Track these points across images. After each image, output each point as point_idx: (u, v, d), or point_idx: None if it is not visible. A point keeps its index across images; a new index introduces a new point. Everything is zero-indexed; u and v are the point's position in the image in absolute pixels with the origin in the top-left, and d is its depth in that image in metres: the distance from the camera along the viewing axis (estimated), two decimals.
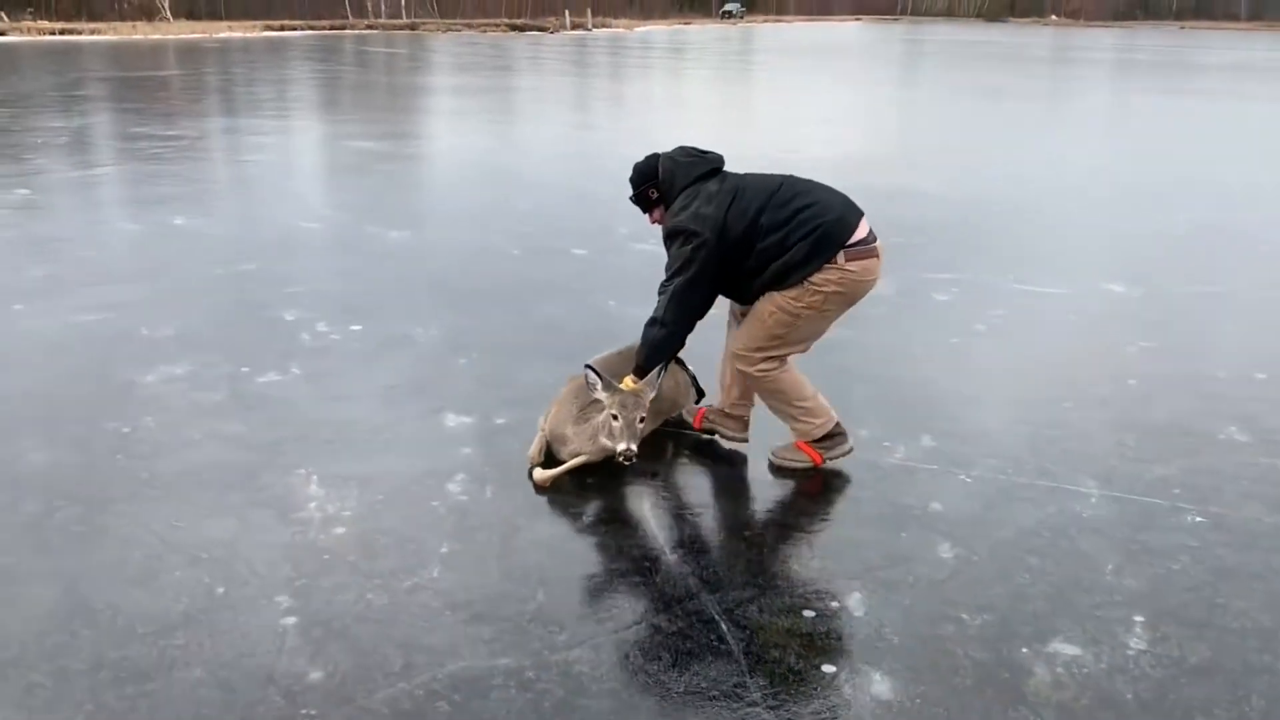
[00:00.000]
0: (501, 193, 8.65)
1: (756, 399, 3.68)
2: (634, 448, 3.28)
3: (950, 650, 2.53)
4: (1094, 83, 25.36)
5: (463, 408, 4.00)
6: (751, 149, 10.86)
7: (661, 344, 3.42)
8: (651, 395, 3.41)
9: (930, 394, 4.26)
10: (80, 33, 36.64)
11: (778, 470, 3.58)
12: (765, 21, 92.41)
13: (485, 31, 51.04)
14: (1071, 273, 6.18)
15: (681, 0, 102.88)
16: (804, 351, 3.50)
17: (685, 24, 78.48)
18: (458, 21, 55.79)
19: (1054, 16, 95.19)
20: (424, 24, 53.11)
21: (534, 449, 3.59)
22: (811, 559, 2.98)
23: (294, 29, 44.78)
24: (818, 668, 2.46)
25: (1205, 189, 9.45)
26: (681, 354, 3.67)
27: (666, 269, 3.40)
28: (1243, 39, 55.85)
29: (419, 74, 24.41)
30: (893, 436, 3.79)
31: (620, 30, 60.29)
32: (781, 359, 3.44)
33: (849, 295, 3.33)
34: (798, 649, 2.54)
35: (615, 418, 3.32)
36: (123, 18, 45.42)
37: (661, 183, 3.49)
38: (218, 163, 10.21)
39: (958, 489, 3.41)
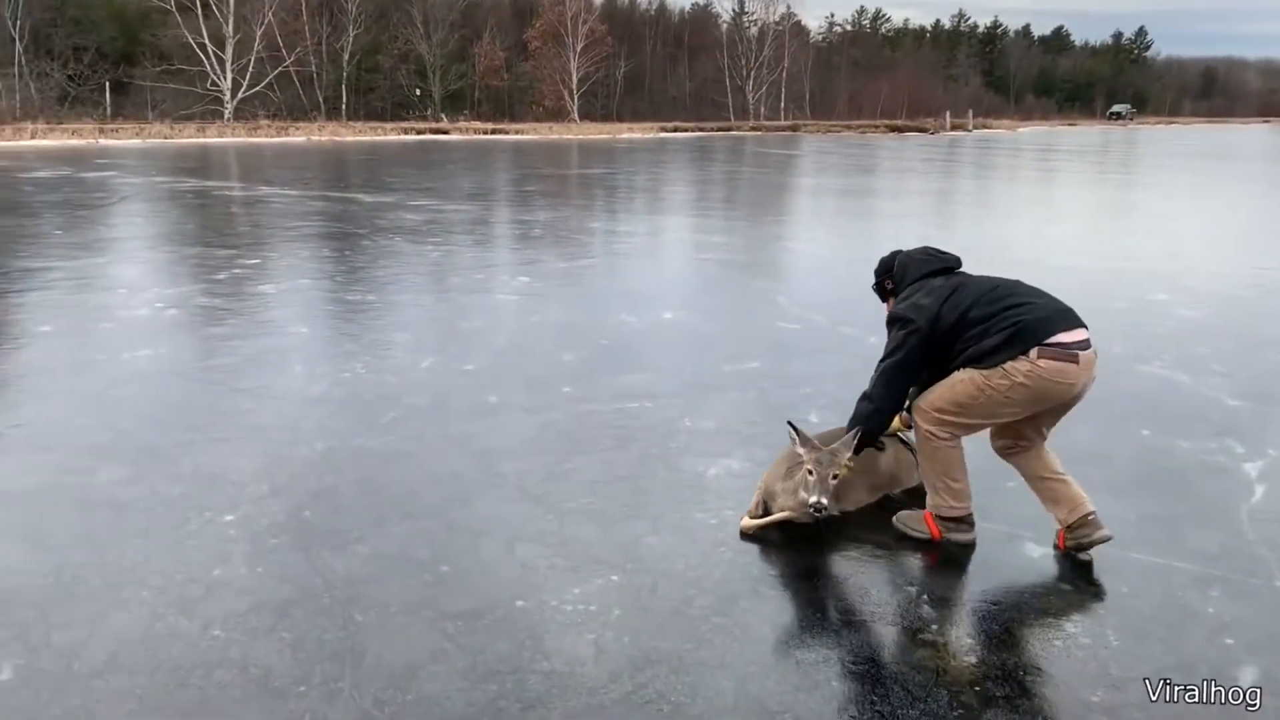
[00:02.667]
0: None
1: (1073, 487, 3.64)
2: (824, 501, 3.60)
3: None
4: None
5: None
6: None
7: (868, 417, 3.73)
8: (846, 455, 3.69)
9: None
10: (506, 132, 41.24)
11: (902, 537, 3.79)
12: (1157, 124, 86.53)
13: (864, 133, 51.68)
14: None
15: (1060, 100, 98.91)
16: (971, 433, 3.67)
17: (1069, 125, 75.21)
18: (835, 123, 56.93)
19: None
20: (804, 125, 54.67)
21: (752, 503, 3.95)
22: None
23: (686, 130, 47.71)
24: None
25: None
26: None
27: (884, 349, 3.72)
28: None
29: (824, 175, 25.00)
30: None
31: (1001, 131, 58.79)
32: (956, 430, 3.62)
33: (1035, 391, 3.43)
34: None
35: (810, 472, 3.65)
36: (538, 119, 50.64)
37: (894, 275, 3.90)
38: (676, 259, 10.91)
39: None
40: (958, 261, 3.85)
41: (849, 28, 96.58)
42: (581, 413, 5.22)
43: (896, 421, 4.04)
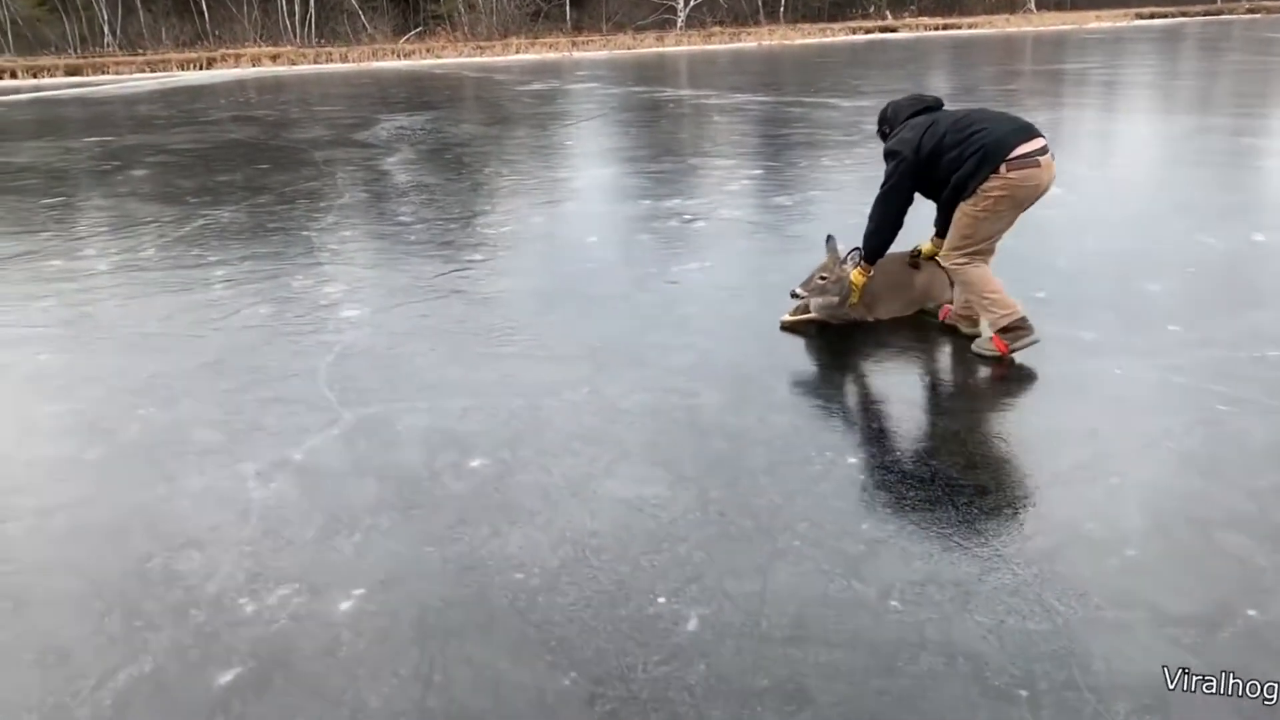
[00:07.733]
0: None
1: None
2: (799, 290, 4.75)
3: None
4: None
5: None
6: None
7: (869, 237, 4.56)
8: (843, 267, 4.67)
9: None
10: (958, 26, 38.67)
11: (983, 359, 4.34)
12: None
13: None
14: None
15: None
16: (990, 250, 4.37)
17: None
18: None
19: None
20: None
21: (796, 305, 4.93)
22: None
23: (1164, 16, 42.03)
24: None
25: None
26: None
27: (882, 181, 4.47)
28: None
29: None
30: None
31: None
32: (973, 256, 4.30)
33: (1014, 198, 4.15)
34: None
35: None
36: (988, 11, 46.99)
37: (887, 121, 4.61)
38: (1235, 166, 9.27)
39: None
40: (938, 102, 4.55)
41: None
42: (1213, 360, 4.36)
43: (930, 246, 4.76)
